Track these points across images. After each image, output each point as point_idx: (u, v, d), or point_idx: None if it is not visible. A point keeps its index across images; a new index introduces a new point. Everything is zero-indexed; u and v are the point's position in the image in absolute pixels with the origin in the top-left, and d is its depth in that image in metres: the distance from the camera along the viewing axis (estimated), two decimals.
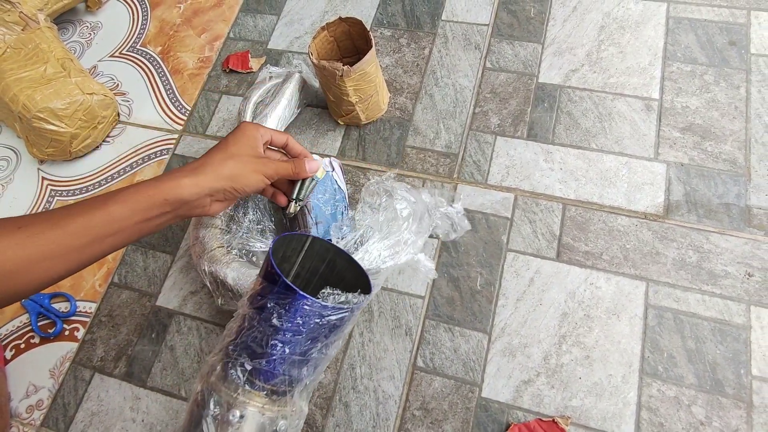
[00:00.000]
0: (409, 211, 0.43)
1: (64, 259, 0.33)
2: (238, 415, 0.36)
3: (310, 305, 0.35)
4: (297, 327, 0.35)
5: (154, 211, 0.38)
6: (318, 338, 0.37)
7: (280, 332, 0.36)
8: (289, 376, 0.37)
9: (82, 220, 0.35)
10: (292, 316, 0.35)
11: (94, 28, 0.86)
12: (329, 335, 0.37)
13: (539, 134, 0.64)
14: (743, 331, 0.51)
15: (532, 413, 0.50)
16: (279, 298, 0.36)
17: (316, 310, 0.35)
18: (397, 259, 0.42)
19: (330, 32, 0.62)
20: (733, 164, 0.59)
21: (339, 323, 0.37)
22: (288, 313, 0.35)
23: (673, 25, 0.67)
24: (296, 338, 0.36)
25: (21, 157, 0.76)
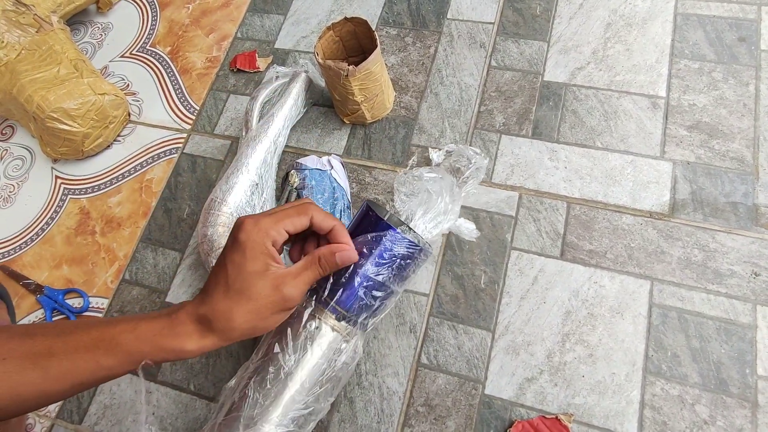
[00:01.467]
0: (439, 186, 0.46)
1: (36, 402, 0.30)
2: (313, 326, 0.39)
3: (392, 238, 0.38)
4: (378, 260, 0.39)
5: (145, 362, 0.33)
6: (391, 277, 0.40)
7: (361, 265, 0.39)
8: (359, 308, 0.40)
9: (67, 365, 0.30)
10: (377, 248, 0.39)
11: (105, 28, 0.88)
12: (399, 274, 0.40)
13: (544, 133, 0.64)
14: (749, 330, 0.51)
15: (535, 411, 0.51)
16: (367, 231, 0.39)
17: (397, 241, 0.39)
18: (441, 227, 0.45)
19: (335, 32, 0.63)
20: (740, 162, 0.58)
21: (410, 263, 0.40)
22: (374, 245, 0.39)
23: (681, 22, 0.67)
24: (375, 270, 0.39)
25: (35, 156, 0.78)
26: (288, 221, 0.34)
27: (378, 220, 0.39)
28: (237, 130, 0.73)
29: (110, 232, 0.70)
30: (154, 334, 0.32)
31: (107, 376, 0.32)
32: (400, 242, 0.39)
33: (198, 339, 0.32)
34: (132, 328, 0.32)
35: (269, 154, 0.62)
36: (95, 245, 0.69)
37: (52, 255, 0.70)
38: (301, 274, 0.34)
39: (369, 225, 0.40)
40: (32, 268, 0.69)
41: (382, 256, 0.39)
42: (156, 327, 0.32)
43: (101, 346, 0.31)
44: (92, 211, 0.72)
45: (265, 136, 0.62)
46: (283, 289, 0.33)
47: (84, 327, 0.32)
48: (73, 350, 0.31)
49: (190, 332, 0.32)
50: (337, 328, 0.40)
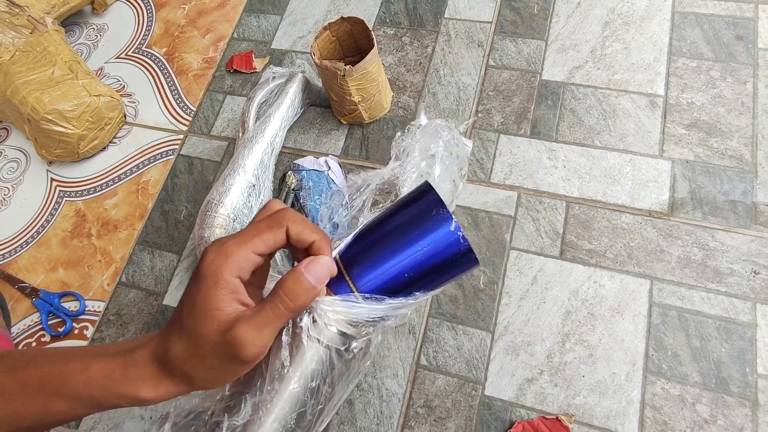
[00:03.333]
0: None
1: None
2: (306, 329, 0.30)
3: (449, 236, 0.31)
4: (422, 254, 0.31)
5: (95, 409, 0.29)
6: (427, 273, 0.32)
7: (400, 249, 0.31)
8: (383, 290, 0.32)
9: (15, 407, 0.27)
10: (427, 238, 0.31)
11: (101, 30, 0.87)
12: (434, 274, 0.32)
13: (543, 132, 0.64)
14: (749, 329, 0.51)
15: (535, 411, 0.51)
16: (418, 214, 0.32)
17: (452, 243, 0.31)
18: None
19: (332, 32, 0.62)
20: (739, 161, 0.58)
21: (455, 273, 0.33)
22: (425, 233, 0.31)
23: (679, 20, 0.67)
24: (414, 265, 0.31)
25: (30, 158, 0.77)
26: (257, 240, 0.27)
27: (438, 204, 0.31)
28: (234, 131, 0.73)
29: (106, 234, 0.69)
30: (105, 376, 0.27)
31: (57, 421, 0.29)
32: (455, 245, 0.31)
33: (154, 385, 0.27)
34: (84, 368, 0.28)
35: (266, 155, 0.62)
36: (91, 248, 0.69)
37: (47, 258, 0.69)
38: (256, 316, 0.26)
39: (424, 208, 0.32)
40: (28, 271, 0.69)
41: (430, 253, 0.31)
42: (109, 368, 0.27)
43: (49, 387, 0.28)
44: (88, 214, 0.71)
45: (262, 137, 0.62)
46: (232, 333, 0.26)
47: (37, 361, 0.29)
48: (20, 389, 0.28)
49: (146, 377, 0.27)
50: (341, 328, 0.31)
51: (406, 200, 0.33)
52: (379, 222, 0.33)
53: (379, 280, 0.31)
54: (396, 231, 0.32)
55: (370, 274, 0.31)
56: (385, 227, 0.33)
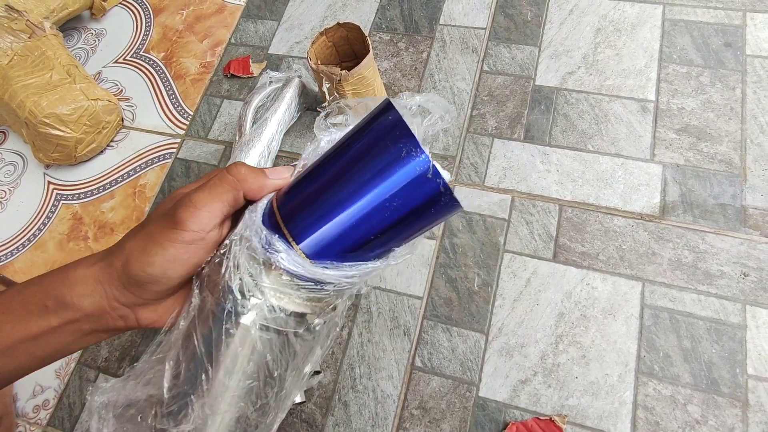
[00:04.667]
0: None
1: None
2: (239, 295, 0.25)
3: (420, 165, 0.23)
4: (391, 188, 0.24)
5: (40, 322, 0.25)
6: (399, 222, 0.25)
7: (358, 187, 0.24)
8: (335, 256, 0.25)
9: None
10: (394, 171, 0.24)
11: (99, 34, 0.88)
12: (410, 224, 0.25)
13: (536, 136, 0.64)
14: (739, 330, 0.51)
15: (528, 412, 0.51)
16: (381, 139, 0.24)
17: (423, 175, 0.23)
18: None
19: (328, 37, 0.63)
20: (728, 165, 0.59)
21: (433, 214, 0.25)
22: (390, 165, 0.24)
23: (669, 27, 0.68)
24: (383, 201, 0.24)
25: (27, 161, 0.78)
26: (222, 200, 0.26)
27: (404, 128, 0.24)
28: (231, 135, 0.73)
29: (103, 237, 0.69)
30: (43, 275, 0.26)
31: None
32: (425, 179, 0.23)
33: (88, 267, 0.26)
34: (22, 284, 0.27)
35: (263, 158, 0.62)
36: (88, 251, 0.69)
37: (44, 261, 0.69)
38: (200, 187, 0.25)
39: (386, 133, 0.24)
40: (24, 274, 0.69)
41: (400, 186, 0.24)
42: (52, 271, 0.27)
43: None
44: (85, 217, 0.71)
45: (259, 140, 0.63)
46: (179, 207, 0.25)
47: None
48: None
49: (87, 262, 0.26)
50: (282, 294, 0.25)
51: (362, 128, 0.26)
52: (328, 160, 0.26)
53: (329, 236, 0.24)
54: (349, 173, 0.24)
55: (317, 230, 0.24)
56: (334, 167, 0.25)
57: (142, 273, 0.25)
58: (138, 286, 0.25)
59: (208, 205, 0.25)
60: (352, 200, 0.24)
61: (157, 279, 0.25)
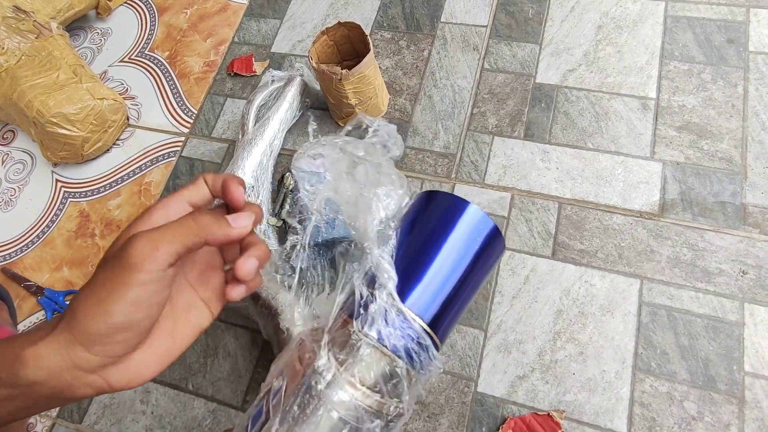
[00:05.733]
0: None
1: None
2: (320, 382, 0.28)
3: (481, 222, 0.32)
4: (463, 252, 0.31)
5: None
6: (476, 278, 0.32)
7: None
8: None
9: None
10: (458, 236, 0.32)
11: (105, 34, 0.89)
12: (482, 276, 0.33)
13: (536, 134, 0.65)
14: (736, 327, 0.51)
15: (526, 408, 0.52)
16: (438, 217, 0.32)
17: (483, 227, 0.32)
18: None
19: (330, 36, 0.64)
20: (729, 162, 0.59)
21: (493, 259, 0.33)
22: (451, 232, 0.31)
23: (671, 24, 0.68)
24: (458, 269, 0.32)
25: (36, 160, 0.79)
26: (180, 196, 0.27)
27: (457, 200, 0.32)
28: (234, 134, 0.74)
29: (110, 234, 0.71)
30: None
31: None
32: (484, 228, 0.31)
33: (33, 345, 0.23)
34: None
35: (265, 156, 0.63)
36: (95, 247, 0.70)
37: (52, 257, 0.71)
38: (156, 229, 0.24)
39: (442, 209, 0.31)
40: (33, 270, 0.70)
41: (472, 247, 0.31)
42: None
43: None
44: (92, 214, 0.73)
45: (261, 139, 0.63)
46: (127, 242, 0.24)
47: None
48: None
49: (35, 336, 0.24)
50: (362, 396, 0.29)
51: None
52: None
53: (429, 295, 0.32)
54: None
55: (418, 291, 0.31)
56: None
57: (104, 325, 0.23)
58: (103, 343, 0.23)
59: (167, 246, 0.24)
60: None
61: (121, 328, 0.23)
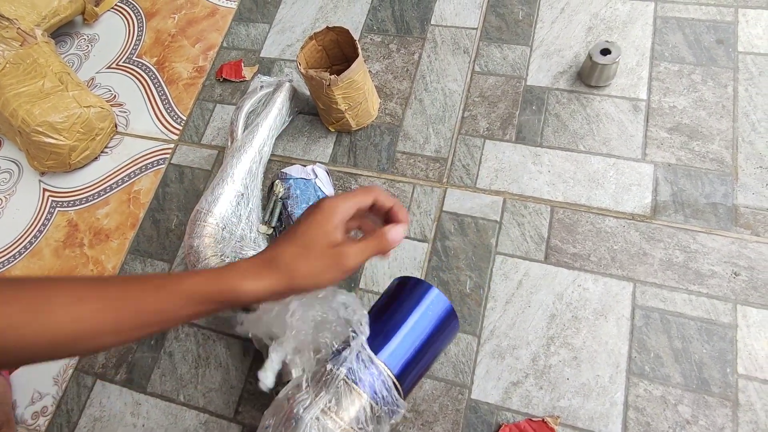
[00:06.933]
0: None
1: (111, 337, 0.33)
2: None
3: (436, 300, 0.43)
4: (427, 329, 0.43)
5: (204, 306, 0.34)
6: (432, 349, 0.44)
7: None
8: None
9: (135, 305, 0.33)
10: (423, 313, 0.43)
11: (92, 40, 0.88)
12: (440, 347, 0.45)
13: (527, 137, 0.64)
14: (729, 330, 0.51)
15: (521, 414, 0.51)
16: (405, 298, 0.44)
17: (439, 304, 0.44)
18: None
19: (318, 41, 0.63)
20: (720, 164, 0.59)
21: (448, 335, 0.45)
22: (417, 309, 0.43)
23: (661, 25, 0.68)
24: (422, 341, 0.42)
25: (23, 169, 0.78)
26: (356, 200, 0.37)
27: (418, 282, 0.44)
28: (224, 140, 0.74)
29: (98, 244, 0.70)
30: (213, 274, 0.34)
31: (171, 319, 0.34)
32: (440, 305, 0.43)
33: (255, 277, 0.34)
34: (194, 273, 0.35)
35: (255, 163, 0.63)
36: (83, 257, 0.69)
37: (40, 268, 0.70)
38: (360, 244, 0.36)
39: (407, 292, 0.44)
40: None
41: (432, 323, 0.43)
42: (217, 269, 0.35)
43: (162, 290, 0.34)
44: (80, 224, 0.72)
45: (250, 146, 0.63)
46: (341, 247, 0.35)
47: (149, 276, 0.35)
48: (140, 290, 0.34)
49: (249, 269, 0.34)
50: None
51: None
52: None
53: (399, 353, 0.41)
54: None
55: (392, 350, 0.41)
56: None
57: (306, 268, 0.35)
58: (302, 278, 0.35)
59: (348, 202, 0.36)
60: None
61: (319, 269, 0.35)
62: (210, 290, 0.34)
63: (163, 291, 0.34)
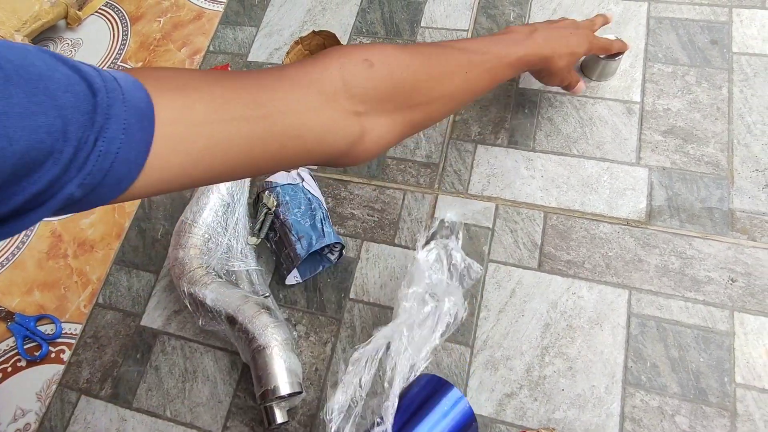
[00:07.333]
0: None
1: (454, 77, 0.41)
2: None
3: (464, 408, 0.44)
4: None
5: (513, 48, 0.46)
6: None
7: None
8: None
9: (458, 45, 0.43)
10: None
11: (75, 44, 0.86)
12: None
13: (520, 141, 0.63)
14: (727, 338, 0.50)
15: (515, 427, 0.50)
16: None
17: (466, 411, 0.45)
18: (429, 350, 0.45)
19: (305, 45, 0.62)
20: (715, 167, 0.58)
21: None
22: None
23: (654, 25, 0.66)
24: None
25: None
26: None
27: (446, 384, 0.45)
28: None
29: (83, 254, 0.68)
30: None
31: (485, 60, 0.45)
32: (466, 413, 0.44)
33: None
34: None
35: None
36: (68, 269, 0.68)
37: (23, 280, 0.68)
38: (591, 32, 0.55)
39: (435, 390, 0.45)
40: (3, 294, 0.68)
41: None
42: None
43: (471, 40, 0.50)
44: (64, 234, 0.70)
45: None
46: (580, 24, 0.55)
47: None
48: (454, 42, 0.45)
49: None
50: None
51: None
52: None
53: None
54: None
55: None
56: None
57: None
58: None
59: (589, 36, 0.57)
60: None
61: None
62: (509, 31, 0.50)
63: (471, 40, 0.52)
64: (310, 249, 0.55)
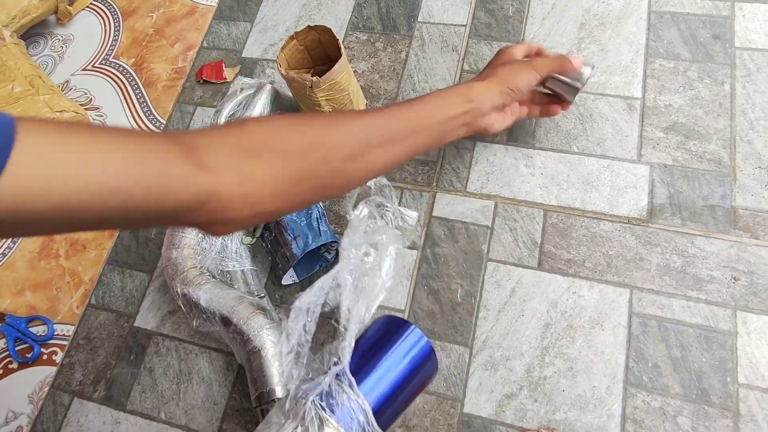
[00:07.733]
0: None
1: (388, 148, 0.40)
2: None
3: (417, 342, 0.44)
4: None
5: (454, 109, 0.44)
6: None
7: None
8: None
9: (399, 114, 0.41)
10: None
11: (66, 40, 0.84)
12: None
13: (519, 138, 0.62)
14: (729, 337, 0.50)
15: (515, 428, 0.49)
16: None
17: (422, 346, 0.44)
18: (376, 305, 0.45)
19: (300, 41, 0.60)
20: (717, 164, 0.57)
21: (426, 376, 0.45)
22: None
23: (655, 20, 0.65)
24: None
25: None
26: (527, 45, 0.55)
27: (403, 322, 0.44)
28: None
29: (75, 254, 0.67)
30: (448, 87, 0.49)
31: (427, 127, 0.44)
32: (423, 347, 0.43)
33: (479, 81, 0.49)
34: (430, 93, 0.47)
35: None
36: (59, 269, 0.67)
37: (14, 280, 0.67)
38: (543, 59, 0.52)
39: (391, 329, 0.44)
40: None
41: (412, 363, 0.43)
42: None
43: (414, 102, 0.44)
44: None
45: None
46: (532, 61, 0.52)
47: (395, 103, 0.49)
48: (397, 108, 0.43)
49: (472, 81, 0.50)
50: None
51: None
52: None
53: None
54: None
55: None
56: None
57: (516, 81, 0.50)
58: (507, 84, 0.49)
59: (534, 71, 0.52)
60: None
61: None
62: (450, 92, 0.46)
63: (414, 103, 0.44)
64: (306, 248, 0.54)
